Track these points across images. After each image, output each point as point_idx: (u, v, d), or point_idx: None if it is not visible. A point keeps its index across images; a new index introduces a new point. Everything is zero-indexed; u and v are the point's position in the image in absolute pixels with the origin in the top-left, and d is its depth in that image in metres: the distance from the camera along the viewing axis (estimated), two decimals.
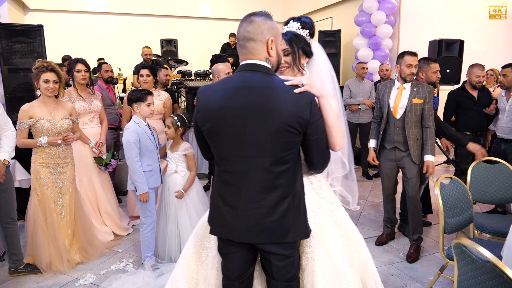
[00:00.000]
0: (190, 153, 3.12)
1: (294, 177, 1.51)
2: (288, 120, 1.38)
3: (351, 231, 1.80)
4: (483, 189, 2.96)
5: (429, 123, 3.05)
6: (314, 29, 1.83)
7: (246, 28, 1.45)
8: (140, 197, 2.82)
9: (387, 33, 6.52)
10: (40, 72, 2.82)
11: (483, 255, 1.39)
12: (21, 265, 2.94)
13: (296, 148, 1.48)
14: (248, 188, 1.46)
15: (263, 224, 1.46)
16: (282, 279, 1.57)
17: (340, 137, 1.53)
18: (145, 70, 3.67)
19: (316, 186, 1.81)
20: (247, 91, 1.41)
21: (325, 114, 1.51)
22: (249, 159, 1.44)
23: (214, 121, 1.46)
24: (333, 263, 1.69)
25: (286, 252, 1.53)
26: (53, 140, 2.90)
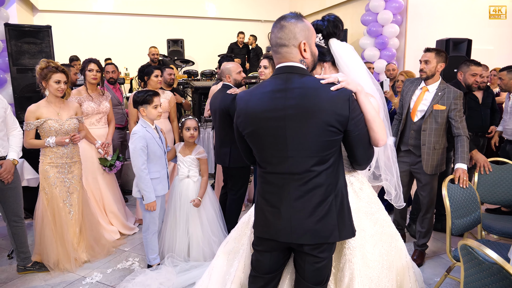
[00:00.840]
0: (204, 157, 3.01)
1: (336, 175, 1.50)
2: (327, 119, 1.39)
3: (393, 236, 1.76)
4: (490, 189, 2.91)
5: (459, 131, 2.74)
6: (332, 28, 1.73)
7: (278, 34, 1.46)
8: (147, 206, 2.71)
9: (394, 33, 6.48)
10: (51, 72, 2.84)
11: (490, 256, 1.37)
12: (29, 263, 2.97)
13: (336, 146, 1.47)
14: (290, 188, 1.48)
15: (307, 225, 1.47)
16: (312, 281, 1.58)
17: (382, 132, 1.50)
18: (159, 71, 3.73)
19: (356, 187, 1.77)
20: (284, 93, 1.43)
21: (364, 110, 1.48)
22: (290, 159, 1.45)
23: (255, 124, 1.49)
24: (369, 267, 1.67)
25: (323, 254, 1.53)
26: (61, 140, 2.92)
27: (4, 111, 2.76)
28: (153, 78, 3.70)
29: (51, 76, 2.85)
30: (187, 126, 2.97)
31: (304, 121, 1.40)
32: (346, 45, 1.76)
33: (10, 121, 2.83)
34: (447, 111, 2.77)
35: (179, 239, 3.02)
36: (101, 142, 3.59)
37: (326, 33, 1.73)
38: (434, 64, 2.83)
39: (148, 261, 2.96)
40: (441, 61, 2.83)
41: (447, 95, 2.78)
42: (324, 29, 1.73)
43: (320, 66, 1.74)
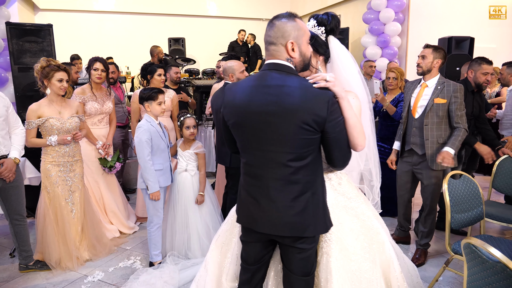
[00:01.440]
0: (202, 152, 3.12)
1: (313, 173, 1.54)
2: (304, 118, 1.42)
3: (374, 230, 1.79)
4: (508, 182, 3.03)
5: (458, 124, 2.79)
6: (334, 25, 1.78)
7: (268, 32, 1.52)
8: (152, 196, 2.82)
9: (395, 31, 6.46)
10: (53, 71, 2.84)
11: (494, 255, 1.37)
12: (31, 262, 2.98)
13: (314, 145, 1.50)
14: (268, 181, 1.53)
15: (284, 218, 1.53)
16: (298, 273, 1.63)
17: (361, 138, 1.53)
18: (162, 70, 3.76)
19: (334, 182, 1.82)
20: (267, 89, 1.48)
21: (346, 115, 1.51)
22: (268, 153, 1.51)
23: (239, 116, 1.54)
24: (351, 260, 1.70)
25: (304, 246, 1.58)
26: (63, 138, 2.93)
27: (5, 109, 2.76)
28: (156, 77, 3.71)
29: (53, 74, 2.84)
30: (186, 125, 3.06)
31: (283, 118, 1.44)
32: (342, 45, 1.83)
33: (12, 119, 2.83)
34: (447, 104, 2.80)
35: (178, 233, 3.08)
36: (102, 143, 3.58)
37: (330, 28, 1.77)
38: (430, 59, 2.85)
39: (151, 258, 2.98)
40: (438, 57, 2.85)
41: (446, 88, 2.81)
42: (328, 24, 1.76)
43: (316, 58, 1.77)
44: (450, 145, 2.77)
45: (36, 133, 2.92)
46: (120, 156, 3.70)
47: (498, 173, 3.11)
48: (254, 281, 1.76)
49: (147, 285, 2.67)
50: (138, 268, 3.00)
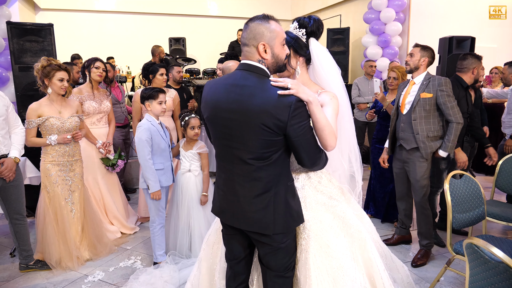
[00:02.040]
0: (205, 152, 3.11)
1: (276, 174, 1.57)
2: (264, 120, 1.45)
3: (354, 227, 1.79)
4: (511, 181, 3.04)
5: (450, 117, 2.83)
6: (316, 28, 1.83)
7: (243, 34, 1.58)
8: (153, 195, 2.81)
9: (396, 31, 6.45)
10: (54, 70, 2.84)
11: (496, 255, 1.36)
12: (31, 261, 2.97)
13: (277, 147, 1.53)
14: (234, 176, 1.60)
15: (246, 213, 1.59)
16: (272, 268, 1.67)
17: (331, 139, 1.57)
18: (164, 69, 3.76)
19: (314, 180, 1.83)
20: (235, 88, 1.53)
21: (314, 119, 1.54)
22: (232, 150, 1.57)
23: (210, 111, 1.62)
24: (332, 258, 1.71)
25: (271, 242, 1.61)
26: (63, 137, 2.92)
27: (5, 109, 2.75)
28: (158, 77, 3.71)
29: (54, 74, 2.84)
30: (191, 125, 3.04)
31: (244, 118, 1.49)
32: (323, 47, 1.86)
33: (12, 119, 2.82)
34: (434, 98, 2.86)
35: (181, 232, 3.07)
36: (102, 142, 3.58)
37: (310, 31, 1.82)
38: (417, 57, 2.93)
39: (155, 258, 2.97)
40: (425, 56, 2.92)
41: (432, 83, 2.88)
42: (308, 27, 1.81)
43: (296, 59, 1.82)
44: (443, 148, 2.89)
45: (36, 133, 2.92)
46: (122, 153, 3.70)
47: (501, 172, 3.11)
48: (238, 278, 1.81)
49: (147, 285, 2.66)
50: (138, 268, 3.00)
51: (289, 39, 1.79)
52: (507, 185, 3.09)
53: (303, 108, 1.49)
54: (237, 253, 1.78)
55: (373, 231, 2.00)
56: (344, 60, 6.54)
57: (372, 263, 1.78)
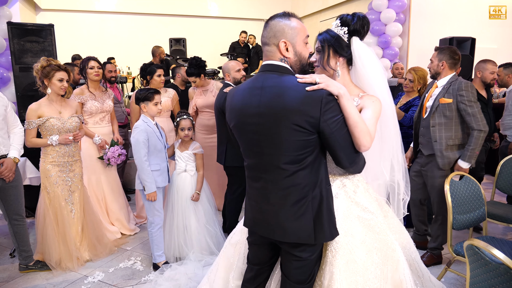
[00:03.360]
0: (200, 152, 3.13)
1: (314, 176, 1.47)
2: (296, 119, 1.38)
3: (389, 246, 1.66)
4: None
5: (472, 124, 2.64)
6: (360, 26, 1.71)
7: (263, 33, 1.52)
8: (148, 196, 2.82)
9: (396, 31, 6.45)
10: (54, 70, 2.83)
11: (497, 257, 1.35)
12: (31, 262, 2.97)
13: (311, 147, 1.44)
14: (267, 184, 1.51)
15: (282, 222, 1.50)
16: (294, 280, 1.59)
17: (364, 138, 1.44)
18: (162, 70, 3.74)
19: (349, 189, 1.71)
20: (260, 91, 1.46)
21: (346, 114, 1.43)
22: (264, 156, 1.49)
23: (236, 119, 1.55)
24: (358, 275, 1.60)
25: (303, 254, 1.53)
26: (65, 137, 2.92)
27: (4, 108, 2.75)
28: (155, 78, 3.70)
29: (54, 74, 2.84)
30: (181, 127, 3.07)
31: (275, 120, 1.41)
32: (367, 47, 1.74)
33: (10, 119, 2.82)
34: (455, 103, 2.70)
35: (176, 232, 3.08)
36: (101, 139, 3.55)
37: (353, 29, 1.70)
38: (436, 62, 2.85)
39: (154, 259, 2.97)
40: (443, 59, 2.82)
41: (452, 87, 2.73)
42: (351, 25, 1.70)
43: (335, 59, 1.72)
44: (463, 157, 2.70)
45: (36, 133, 2.92)
46: (115, 141, 3.64)
47: (502, 173, 3.10)
48: (257, 281, 1.77)
49: (171, 281, 2.71)
50: (138, 269, 3.00)
51: (329, 37, 1.71)
52: (508, 186, 3.08)
53: (335, 101, 1.41)
54: (262, 260, 1.74)
55: (412, 249, 1.89)
56: None
57: (403, 285, 1.66)
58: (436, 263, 2.97)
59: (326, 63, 1.71)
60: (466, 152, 2.68)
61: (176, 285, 2.68)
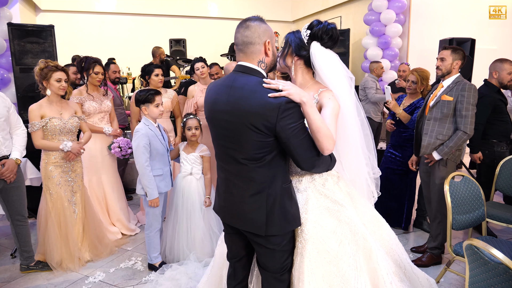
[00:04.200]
0: (207, 155, 3.06)
1: (270, 175, 1.57)
2: (254, 121, 1.47)
3: (360, 235, 1.72)
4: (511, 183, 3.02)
5: (461, 125, 2.72)
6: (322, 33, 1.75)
7: (244, 33, 1.58)
8: (151, 203, 2.76)
9: (396, 32, 6.46)
10: (51, 71, 2.84)
11: (496, 256, 1.36)
12: (32, 262, 2.98)
13: (268, 148, 1.52)
14: (230, 175, 1.64)
15: (241, 212, 1.62)
16: (267, 269, 1.68)
17: (327, 141, 1.52)
18: (160, 70, 3.72)
19: (317, 183, 1.77)
20: (229, 90, 1.56)
21: (308, 120, 1.52)
22: (228, 150, 1.61)
23: (208, 112, 1.67)
24: (330, 264, 1.66)
25: (266, 243, 1.62)
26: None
27: (7, 110, 2.76)
28: (153, 78, 3.68)
29: (51, 75, 2.84)
30: (188, 126, 3.01)
31: (238, 119, 1.51)
32: (326, 52, 1.79)
33: (13, 120, 2.83)
34: (454, 102, 2.76)
35: (181, 236, 3.04)
36: (112, 129, 3.57)
37: (313, 33, 1.77)
38: (450, 61, 2.83)
39: (149, 260, 2.96)
40: (457, 59, 2.83)
41: (457, 87, 2.78)
42: (314, 29, 1.77)
43: (292, 58, 1.80)
44: (439, 150, 2.82)
45: (42, 134, 2.92)
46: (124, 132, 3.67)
47: (501, 174, 3.11)
48: (237, 277, 1.85)
49: (172, 280, 2.71)
50: (139, 269, 3.01)
51: (293, 37, 1.79)
52: (507, 187, 3.08)
53: (294, 109, 1.48)
54: (236, 252, 1.82)
55: (391, 240, 1.93)
56: (345, 61, 6.53)
57: (378, 274, 1.70)
58: (436, 263, 2.98)
59: (282, 59, 1.81)
60: (444, 148, 2.78)
61: (177, 284, 2.68)
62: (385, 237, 1.90)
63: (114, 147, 3.50)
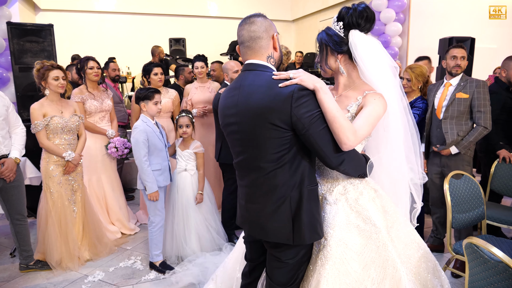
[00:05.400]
0: (201, 151, 3.14)
1: (292, 177, 1.44)
2: (267, 117, 1.37)
3: (390, 262, 1.52)
4: (507, 183, 3.01)
5: (480, 121, 2.76)
6: (357, 18, 1.56)
7: (250, 28, 1.48)
8: (150, 196, 2.82)
9: (396, 31, 6.46)
10: (47, 70, 2.85)
11: (496, 255, 1.36)
12: (31, 262, 2.97)
13: (287, 145, 1.40)
14: (250, 183, 1.53)
15: (261, 220, 1.50)
16: (274, 280, 1.57)
17: (343, 134, 1.35)
18: (159, 69, 3.73)
19: (350, 196, 1.59)
20: (238, 91, 1.48)
21: (323, 109, 1.37)
22: (245, 155, 1.50)
23: (221, 120, 1.59)
24: (347, 286, 1.49)
25: (281, 256, 1.51)
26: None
27: (5, 109, 2.76)
28: (152, 77, 3.70)
29: (48, 74, 2.85)
30: (179, 124, 3.10)
31: (250, 118, 1.42)
32: (368, 39, 1.60)
33: (12, 119, 2.83)
34: (470, 99, 2.80)
35: (177, 231, 3.09)
36: (113, 132, 3.61)
37: (347, 22, 1.58)
38: (466, 60, 2.88)
39: (151, 258, 2.97)
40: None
41: (469, 84, 2.82)
42: (346, 18, 1.58)
43: (335, 58, 1.63)
44: (458, 145, 2.83)
45: (46, 134, 2.91)
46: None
47: (496, 174, 3.08)
48: (252, 276, 1.81)
49: (201, 267, 2.84)
50: (138, 268, 3.01)
51: (325, 35, 1.62)
52: (502, 187, 3.05)
53: (309, 96, 1.35)
54: (255, 257, 1.77)
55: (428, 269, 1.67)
56: None
57: None
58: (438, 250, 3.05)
59: (325, 63, 1.64)
60: (464, 142, 2.81)
61: (204, 270, 2.79)
62: (422, 266, 1.66)
63: (110, 147, 3.53)
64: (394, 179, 1.71)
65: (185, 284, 2.73)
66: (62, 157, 2.94)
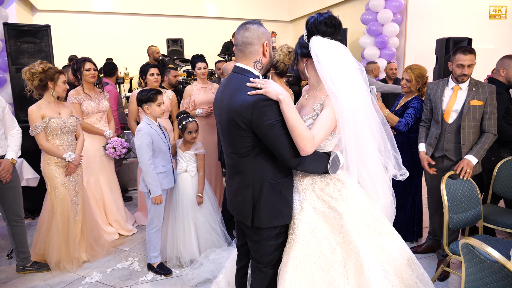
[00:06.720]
0: (201, 153, 3.12)
1: (256, 170, 1.64)
2: (235, 118, 1.58)
3: (353, 247, 1.66)
4: (509, 185, 2.95)
5: (490, 128, 2.64)
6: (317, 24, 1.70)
7: (244, 34, 1.65)
8: (155, 200, 2.80)
9: (394, 32, 6.47)
10: (58, 73, 2.92)
11: (491, 255, 1.37)
12: (28, 263, 2.97)
13: (250, 144, 1.61)
14: (228, 165, 1.78)
15: (236, 203, 1.75)
16: (254, 258, 1.78)
17: (301, 141, 1.54)
18: (155, 69, 3.70)
19: (317, 186, 1.75)
20: (224, 89, 1.70)
21: (285, 118, 1.55)
22: (223, 143, 1.76)
23: (214, 112, 1.82)
24: (320, 269, 1.66)
25: (253, 235, 1.73)
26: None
27: (1, 110, 2.75)
28: (148, 77, 3.68)
29: (59, 77, 2.91)
30: (188, 130, 3.05)
31: (225, 116, 1.63)
32: (328, 43, 1.70)
33: (8, 120, 2.82)
34: (484, 106, 2.65)
35: (177, 232, 3.07)
36: (112, 132, 3.61)
37: (308, 29, 1.75)
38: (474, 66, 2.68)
39: (149, 259, 2.96)
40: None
41: (481, 90, 2.66)
42: (308, 25, 1.76)
43: (302, 62, 1.80)
44: (473, 153, 2.64)
45: (45, 136, 2.91)
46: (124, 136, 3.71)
47: (498, 176, 3.00)
48: (240, 262, 2.01)
49: (215, 263, 2.87)
50: (136, 269, 3.01)
51: (297, 42, 1.84)
52: (504, 189, 3.00)
53: (269, 106, 1.53)
54: (239, 238, 1.96)
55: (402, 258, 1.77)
56: None
57: None
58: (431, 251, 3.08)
59: (296, 66, 1.86)
60: (480, 150, 2.64)
61: (219, 266, 2.82)
62: (395, 255, 1.76)
63: (108, 147, 3.52)
64: (371, 175, 1.84)
65: (202, 280, 2.80)
66: (62, 158, 2.93)
